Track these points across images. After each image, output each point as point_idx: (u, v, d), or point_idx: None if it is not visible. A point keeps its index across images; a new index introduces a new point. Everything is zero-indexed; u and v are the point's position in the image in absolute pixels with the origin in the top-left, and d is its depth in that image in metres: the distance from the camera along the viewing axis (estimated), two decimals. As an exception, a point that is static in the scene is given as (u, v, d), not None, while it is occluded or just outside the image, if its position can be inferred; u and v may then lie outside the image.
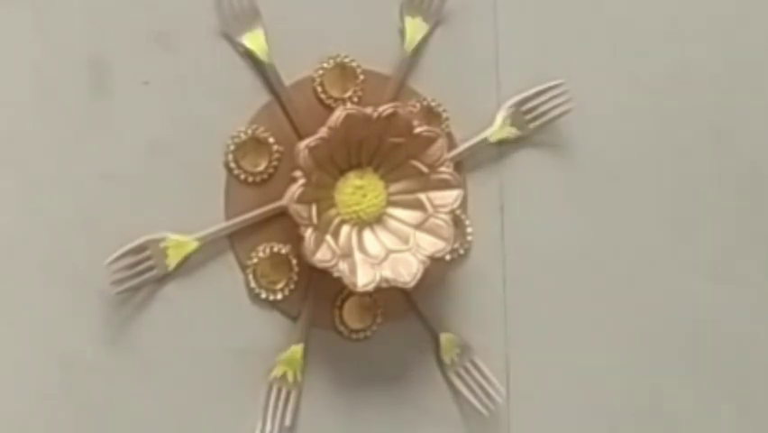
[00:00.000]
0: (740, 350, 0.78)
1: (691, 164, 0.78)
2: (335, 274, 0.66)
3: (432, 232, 0.68)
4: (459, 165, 0.71)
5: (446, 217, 0.68)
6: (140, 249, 0.66)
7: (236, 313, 0.68)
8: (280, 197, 0.67)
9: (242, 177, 0.68)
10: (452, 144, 0.71)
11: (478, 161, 0.73)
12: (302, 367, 0.69)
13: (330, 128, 0.66)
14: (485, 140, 0.72)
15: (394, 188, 0.69)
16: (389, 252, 0.68)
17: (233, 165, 0.68)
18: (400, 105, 0.68)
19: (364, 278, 0.67)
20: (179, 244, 0.67)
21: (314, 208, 0.66)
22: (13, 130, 0.65)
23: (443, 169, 0.69)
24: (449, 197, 0.69)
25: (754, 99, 0.79)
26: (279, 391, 0.68)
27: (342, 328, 0.70)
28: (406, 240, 0.68)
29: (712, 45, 0.78)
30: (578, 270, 0.75)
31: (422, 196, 0.69)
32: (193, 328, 0.67)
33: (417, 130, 0.68)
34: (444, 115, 0.71)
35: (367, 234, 0.69)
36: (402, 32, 0.71)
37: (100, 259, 0.64)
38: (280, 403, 0.68)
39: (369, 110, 0.67)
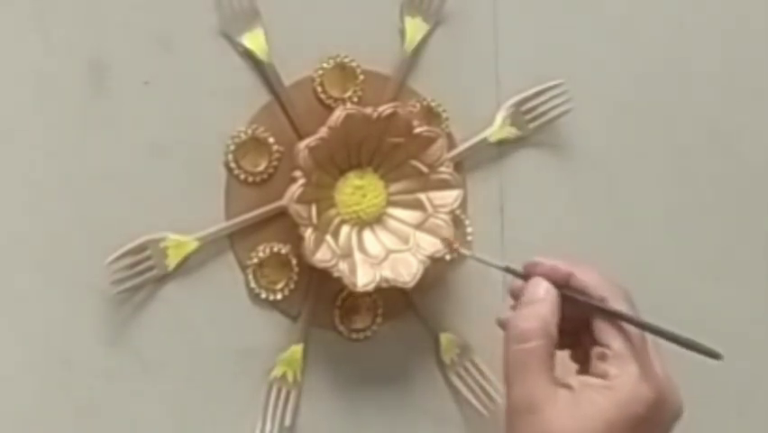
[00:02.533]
0: (740, 350, 0.78)
1: (691, 164, 0.78)
2: (335, 274, 0.66)
3: (432, 232, 0.68)
4: (459, 165, 0.71)
5: (446, 217, 0.68)
6: (140, 249, 0.66)
7: (236, 313, 0.68)
8: (280, 197, 0.67)
9: (242, 177, 0.68)
10: (452, 144, 0.71)
11: (478, 161, 0.73)
12: (302, 367, 0.69)
13: (330, 128, 0.66)
14: (485, 140, 0.72)
15: (394, 188, 0.69)
16: (389, 252, 0.68)
17: (233, 165, 0.68)
18: (400, 105, 0.68)
19: (364, 278, 0.67)
20: (179, 244, 0.67)
21: (314, 208, 0.66)
22: (13, 130, 0.65)
23: (443, 169, 0.69)
24: (449, 197, 0.69)
25: (754, 99, 0.79)
26: (279, 391, 0.68)
27: (342, 328, 0.70)
28: (406, 240, 0.68)
29: (712, 45, 0.78)
30: (578, 270, 0.75)
31: (422, 196, 0.69)
32: (193, 328, 0.67)
33: (417, 130, 0.68)
34: (444, 115, 0.71)
35: (367, 234, 0.69)
36: (402, 32, 0.71)
37: (100, 259, 0.64)
38: (280, 403, 0.68)
39: (369, 110, 0.67)
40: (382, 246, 0.68)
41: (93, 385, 0.66)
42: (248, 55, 0.68)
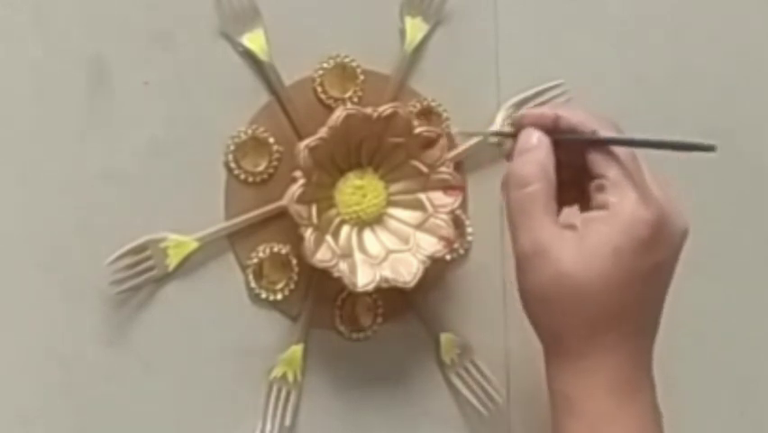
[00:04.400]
0: (740, 349, 0.78)
1: (691, 164, 0.78)
2: (335, 274, 0.66)
3: (432, 232, 0.68)
4: (459, 165, 0.71)
5: (446, 217, 0.68)
6: (140, 249, 0.66)
7: (236, 313, 0.68)
8: (280, 197, 0.67)
9: (242, 177, 0.68)
10: (452, 144, 0.71)
11: (478, 161, 0.73)
12: (302, 367, 0.69)
13: (330, 128, 0.66)
14: (485, 140, 0.72)
15: (394, 188, 0.69)
16: (389, 252, 0.68)
17: (233, 165, 0.68)
18: (400, 106, 0.68)
19: (364, 278, 0.67)
20: (179, 244, 0.67)
21: (314, 208, 0.66)
22: (13, 130, 0.65)
23: (443, 169, 0.69)
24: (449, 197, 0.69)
25: (754, 99, 0.79)
26: (279, 391, 0.68)
27: (342, 328, 0.70)
28: (406, 240, 0.68)
29: (712, 45, 0.78)
30: (578, 270, 0.75)
31: (422, 196, 0.69)
32: (193, 328, 0.67)
33: (417, 130, 0.68)
34: (444, 115, 0.71)
35: (367, 234, 0.69)
36: (402, 32, 0.71)
37: (100, 259, 0.64)
38: (280, 403, 0.68)
39: (369, 110, 0.67)
40: (382, 246, 0.68)
41: (93, 385, 0.66)
42: (248, 55, 0.68)
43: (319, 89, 0.69)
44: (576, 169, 0.62)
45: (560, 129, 0.62)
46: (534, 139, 0.62)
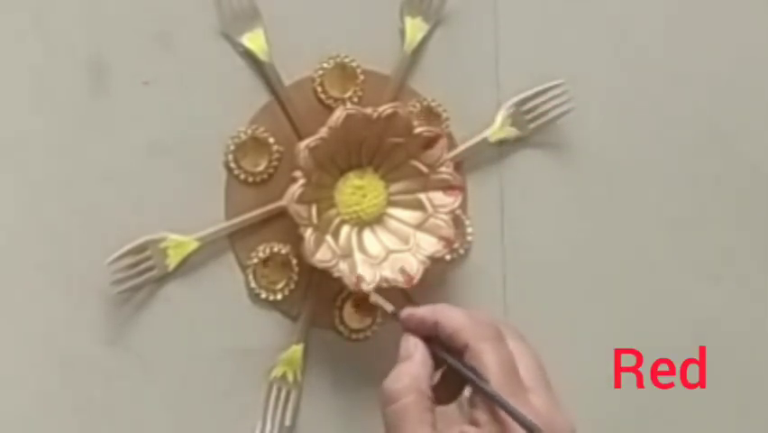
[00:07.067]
0: (740, 350, 0.78)
1: (691, 164, 0.78)
2: (335, 274, 0.66)
3: (432, 232, 0.68)
4: (459, 165, 0.71)
5: (446, 217, 0.68)
6: (140, 249, 0.66)
7: (236, 313, 0.68)
8: (280, 197, 0.67)
9: (242, 177, 0.68)
10: (452, 144, 0.71)
11: (478, 161, 0.73)
12: (302, 367, 0.69)
13: (330, 128, 0.66)
14: (485, 140, 0.72)
15: (394, 188, 0.69)
16: (389, 252, 0.68)
17: (233, 165, 0.68)
18: (400, 106, 0.68)
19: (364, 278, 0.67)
20: (179, 244, 0.67)
21: (314, 208, 0.66)
22: (13, 130, 0.65)
23: (443, 169, 0.69)
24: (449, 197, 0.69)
25: (754, 99, 0.79)
26: (279, 391, 0.68)
27: (342, 328, 0.70)
28: (406, 240, 0.68)
29: (712, 45, 0.78)
30: (578, 270, 0.75)
31: (422, 196, 0.69)
32: (193, 328, 0.67)
33: (417, 130, 0.68)
34: (444, 115, 0.71)
35: (367, 234, 0.69)
36: (402, 32, 0.71)
37: (100, 259, 0.64)
38: (280, 403, 0.68)
39: (369, 110, 0.67)
40: (382, 246, 0.68)
41: (93, 385, 0.66)
42: (248, 55, 0.68)
43: (319, 89, 0.69)
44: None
45: (439, 336, 0.61)
46: (411, 347, 0.61)
